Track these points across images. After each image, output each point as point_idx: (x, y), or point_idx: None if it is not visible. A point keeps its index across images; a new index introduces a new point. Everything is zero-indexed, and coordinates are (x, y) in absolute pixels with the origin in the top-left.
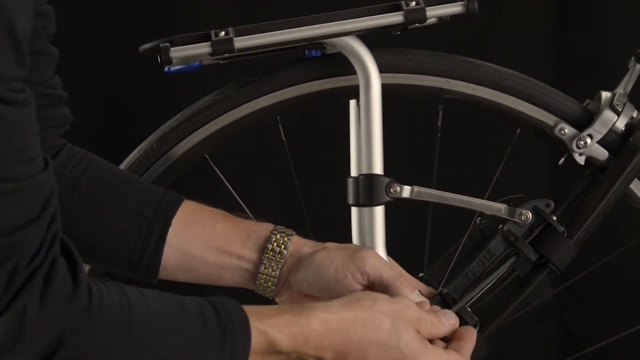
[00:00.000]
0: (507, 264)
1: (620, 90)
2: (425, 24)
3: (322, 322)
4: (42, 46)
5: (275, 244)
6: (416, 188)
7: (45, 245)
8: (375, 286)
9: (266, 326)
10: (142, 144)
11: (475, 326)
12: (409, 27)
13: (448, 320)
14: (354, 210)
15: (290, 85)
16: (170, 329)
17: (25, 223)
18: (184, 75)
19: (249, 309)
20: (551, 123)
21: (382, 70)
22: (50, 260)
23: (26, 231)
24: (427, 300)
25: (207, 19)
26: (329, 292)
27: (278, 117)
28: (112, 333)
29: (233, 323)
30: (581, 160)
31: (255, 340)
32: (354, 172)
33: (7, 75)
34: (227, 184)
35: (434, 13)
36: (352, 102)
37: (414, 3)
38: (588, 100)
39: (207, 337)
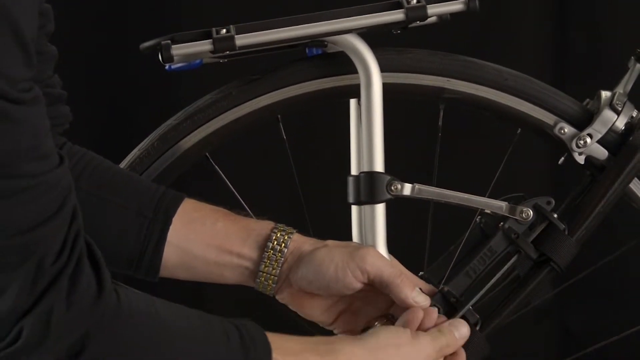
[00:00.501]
0: (510, 262)
1: (620, 89)
2: (425, 22)
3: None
4: (41, 45)
5: (275, 242)
6: (417, 186)
7: (69, 243)
8: (376, 284)
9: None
10: (142, 142)
11: (476, 324)
12: (410, 25)
13: (461, 334)
14: (354, 209)
15: (291, 84)
16: (196, 342)
17: (44, 220)
18: (184, 74)
19: (273, 340)
20: (551, 122)
21: (383, 69)
22: (75, 259)
23: (46, 228)
24: (428, 298)
25: (207, 18)
26: (329, 290)
27: (279, 116)
28: (138, 337)
29: (257, 350)
30: (581, 159)
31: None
32: (354, 171)
33: (17, 76)
34: (228, 182)
35: (435, 11)
36: (353, 101)
37: (415, 1)
38: (588, 99)
39: (229, 357)
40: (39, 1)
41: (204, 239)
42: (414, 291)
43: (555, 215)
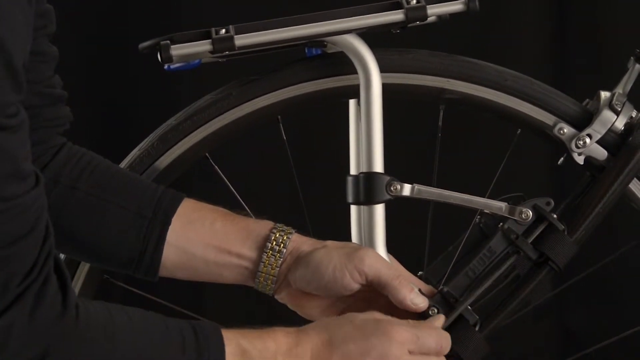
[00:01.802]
0: (509, 262)
1: (619, 90)
2: (425, 22)
3: (287, 332)
4: (42, 45)
5: (274, 243)
6: (416, 186)
7: (40, 262)
8: (374, 285)
9: (237, 336)
10: (142, 142)
11: (475, 325)
12: (409, 25)
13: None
14: (353, 209)
15: (291, 85)
16: (150, 349)
17: (15, 239)
18: (184, 74)
19: (228, 330)
20: (550, 123)
21: (383, 70)
22: (43, 278)
23: (16, 248)
24: (426, 300)
25: (207, 18)
26: (327, 291)
27: (279, 116)
28: (94, 352)
29: (209, 344)
30: (580, 160)
31: (229, 350)
32: (353, 171)
33: (4, 102)
34: (228, 183)
35: (435, 11)
36: (352, 102)
37: (415, 1)
38: (587, 100)
39: (183, 357)
40: (32, 25)
41: (203, 239)
42: (412, 293)
43: (555, 216)
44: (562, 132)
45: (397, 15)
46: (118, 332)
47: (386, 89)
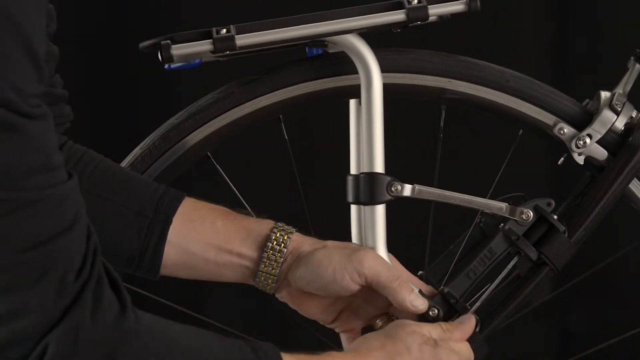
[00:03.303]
0: (511, 264)
1: (619, 90)
2: (426, 22)
3: (343, 355)
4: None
5: (275, 242)
6: (417, 187)
7: (89, 259)
8: (374, 287)
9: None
10: (144, 142)
11: (475, 325)
12: (410, 25)
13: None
14: (353, 209)
15: (292, 84)
16: (210, 354)
17: (57, 233)
18: (185, 73)
19: (286, 354)
20: (551, 123)
21: (384, 70)
22: (96, 276)
23: (60, 242)
24: (426, 302)
25: (207, 17)
26: (327, 291)
27: (280, 116)
28: (161, 354)
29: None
30: (580, 160)
31: None
32: (353, 171)
33: (29, 91)
34: (229, 182)
35: (436, 11)
36: (352, 101)
37: (416, 1)
38: (587, 100)
39: None
40: (45, 14)
41: (204, 238)
42: (411, 295)
43: (555, 217)
44: (562, 132)
45: (398, 15)
46: (181, 338)
47: (387, 89)
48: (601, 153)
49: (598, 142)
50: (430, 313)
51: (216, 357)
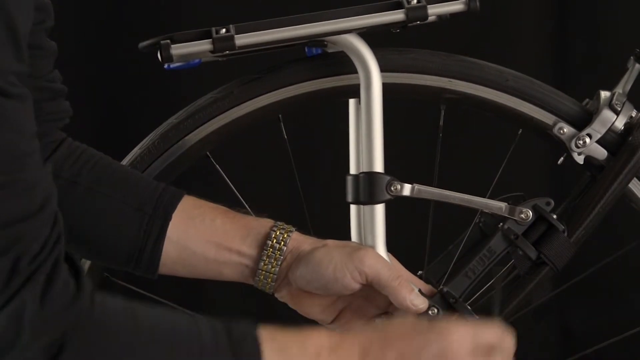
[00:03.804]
0: (510, 264)
1: (619, 89)
2: (426, 21)
3: (330, 332)
4: (41, 40)
5: (274, 241)
6: (417, 186)
7: (49, 245)
8: (374, 286)
9: (276, 331)
10: (143, 141)
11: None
12: (410, 24)
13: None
14: (353, 208)
15: (291, 84)
16: (177, 340)
17: (22, 217)
18: (184, 73)
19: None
20: (550, 123)
21: (384, 69)
22: (52, 261)
23: (24, 226)
24: (426, 301)
25: (207, 17)
26: (327, 290)
27: (280, 115)
28: (117, 338)
29: (243, 347)
30: (580, 159)
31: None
32: (353, 170)
33: (5, 68)
34: (229, 181)
35: (435, 11)
36: (352, 101)
37: (415, 1)
38: (587, 99)
39: (215, 356)
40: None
41: (203, 236)
42: (412, 294)
43: (555, 216)
44: (562, 131)
45: (397, 15)
46: (141, 320)
47: (387, 88)
48: (601, 153)
49: (598, 141)
50: (430, 312)
51: (182, 339)
